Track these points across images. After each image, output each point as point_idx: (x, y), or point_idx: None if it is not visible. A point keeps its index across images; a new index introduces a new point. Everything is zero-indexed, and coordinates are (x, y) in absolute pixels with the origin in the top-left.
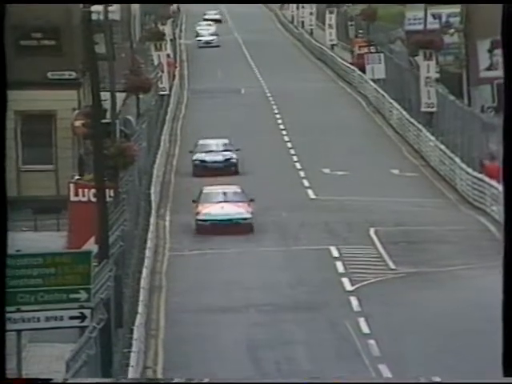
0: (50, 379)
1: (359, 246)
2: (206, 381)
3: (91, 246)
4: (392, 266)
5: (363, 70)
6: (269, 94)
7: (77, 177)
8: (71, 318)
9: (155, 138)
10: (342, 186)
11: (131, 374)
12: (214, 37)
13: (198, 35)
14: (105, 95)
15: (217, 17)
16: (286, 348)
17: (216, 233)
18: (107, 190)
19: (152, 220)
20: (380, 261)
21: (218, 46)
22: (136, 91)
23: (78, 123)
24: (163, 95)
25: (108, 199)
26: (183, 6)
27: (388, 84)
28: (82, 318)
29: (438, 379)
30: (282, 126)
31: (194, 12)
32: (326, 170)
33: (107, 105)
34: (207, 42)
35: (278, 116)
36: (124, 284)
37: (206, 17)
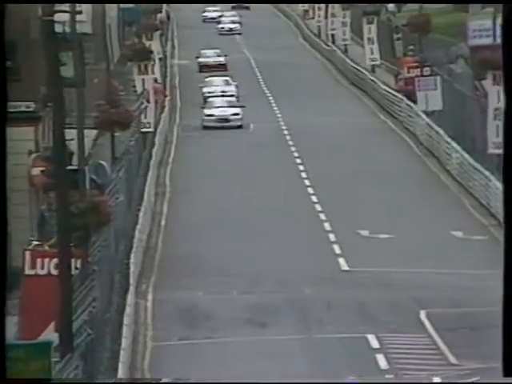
0: (51, 379)
1: (407, 334)
2: (192, 381)
3: (51, 334)
4: (453, 360)
5: (413, 99)
6: (286, 132)
7: (35, 242)
8: None
9: (137, 190)
10: (384, 253)
11: None
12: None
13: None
14: (71, 133)
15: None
16: None
17: None
18: (73, 260)
19: (130, 299)
20: (436, 353)
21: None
22: (111, 128)
23: (36, 171)
24: (146, 133)
25: (74, 272)
26: (176, 13)
27: (445, 117)
28: None
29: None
30: (304, 175)
31: (189, 23)
32: (364, 233)
33: (74, 146)
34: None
35: (298, 161)
36: None
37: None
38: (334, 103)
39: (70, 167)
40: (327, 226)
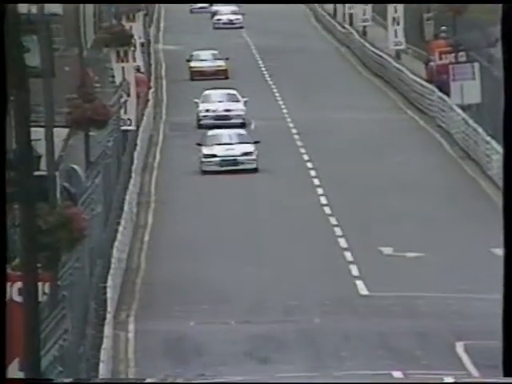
0: (51, 379)
1: (440, 370)
2: (179, 381)
3: (15, 374)
4: None
5: (446, 91)
6: (294, 131)
7: None
8: None
9: (116, 200)
10: (411, 275)
11: None
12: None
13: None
14: (37, 132)
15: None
16: None
17: None
18: (40, 284)
19: (107, 330)
20: None
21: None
22: (86, 126)
23: None
24: (127, 131)
25: (41, 298)
26: None
27: (485, 112)
28: None
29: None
30: (316, 182)
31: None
32: (388, 250)
33: (41, 148)
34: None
35: (309, 165)
36: None
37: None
38: (352, 97)
39: (36, 173)
40: (343, 242)
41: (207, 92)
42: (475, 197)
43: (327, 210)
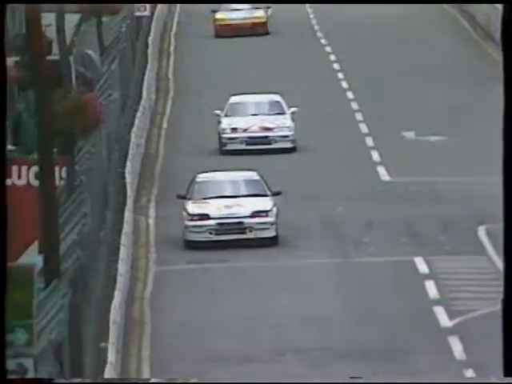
0: (52, 379)
1: (462, 255)
2: (181, 381)
3: (33, 257)
4: None
5: None
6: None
7: (10, 147)
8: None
9: (133, 86)
10: (434, 159)
11: None
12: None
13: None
14: (47, 17)
15: None
16: None
17: None
18: (57, 169)
19: (127, 215)
20: (495, 279)
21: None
22: (98, 11)
23: (8, 62)
24: (140, 17)
25: (58, 183)
26: None
27: None
28: (21, 371)
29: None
30: (336, 66)
31: None
32: (410, 135)
33: (51, 33)
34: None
35: (332, 58)
36: (85, 317)
37: None
38: None
39: (49, 58)
40: (364, 127)
41: (235, 99)
42: (498, 81)
43: (350, 94)
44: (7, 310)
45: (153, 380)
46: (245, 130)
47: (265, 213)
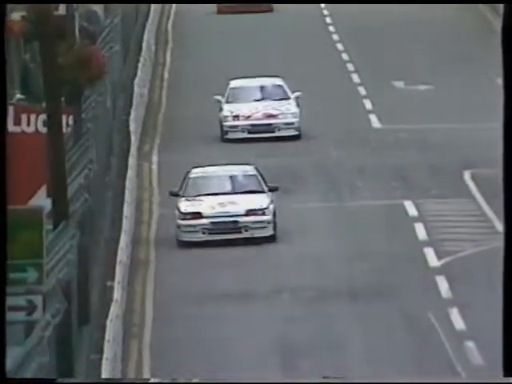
0: (54, 379)
1: (449, 199)
2: (181, 381)
3: (42, 199)
4: (500, 227)
5: None
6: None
7: (18, 96)
8: (12, 308)
9: (134, 40)
10: (422, 107)
11: None
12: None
13: None
14: None
15: None
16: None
17: None
18: (64, 117)
19: (131, 161)
20: (481, 220)
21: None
22: None
23: (15, 16)
24: None
25: (65, 130)
26: None
27: None
28: (30, 308)
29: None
30: (329, 20)
31: None
32: (399, 84)
33: None
34: None
35: (325, 12)
36: (92, 257)
37: None
38: None
39: (56, 13)
40: (356, 77)
41: (235, 83)
42: (487, 34)
43: (340, 46)
44: (17, 250)
45: (153, 380)
46: (248, 118)
47: (261, 211)
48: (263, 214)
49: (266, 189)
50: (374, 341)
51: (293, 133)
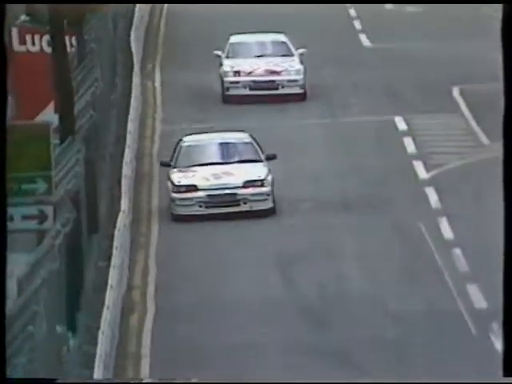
0: (55, 379)
1: (437, 113)
2: (177, 381)
3: (49, 115)
4: (485, 141)
5: None
6: None
7: (23, 17)
8: (26, 217)
9: None
10: (411, 27)
11: (110, 296)
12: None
13: None
14: None
15: None
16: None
17: None
18: (67, 38)
19: (135, 80)
20: (467, 134)
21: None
22: None
23: None
24: None
25: (69, 49)
26: None
27: None
28: (42, 217)
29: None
30: None
31: None
32: (389, 6)
33: None
34: None
35: None
36: (99, 171)
37: None
38: None
39: None
40: None
41: (235, 39)
42: None
43: None
44: (27, 163)
45: (152, 380)
46: (249, 74)
47: (259, 182)
48: (262, 185)
49: (262, 157)
50: (366, 248)
51: (297, 91)
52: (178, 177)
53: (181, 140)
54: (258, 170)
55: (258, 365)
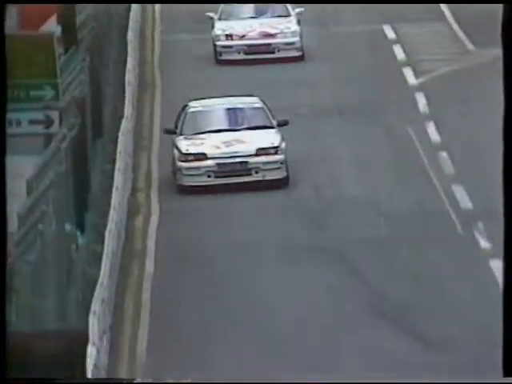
0: (54, 379)
1: (423, 22)
2: (169, 381)
3: (52, 26)
4: (471, 47)
5: None
6: None
7: None
8: (32, 122)
9: None
10: None
11: (115, 197)
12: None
13: None
14: None
15: None
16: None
17: None
18: None
19: None
20: (453, 41)
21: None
22: None
23: None
24: None
25: None
26: None
27: None
28: (48, 122)
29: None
30: None
31: None
32: None
33: None
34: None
35: None
36: (103, 79)
37: None
38: None
39: None
40: None
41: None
42: None
43: None
44: (35, 70)
45: (153, 380)
46: (242, 37)
47: (273, 149)
48: (275, 153)
49: (274, 123)
50: (359, 150)
51: (295, 54)
52: (186, 144)
53: (186, 106)
54: (271, 137)
55: (258, 259)
